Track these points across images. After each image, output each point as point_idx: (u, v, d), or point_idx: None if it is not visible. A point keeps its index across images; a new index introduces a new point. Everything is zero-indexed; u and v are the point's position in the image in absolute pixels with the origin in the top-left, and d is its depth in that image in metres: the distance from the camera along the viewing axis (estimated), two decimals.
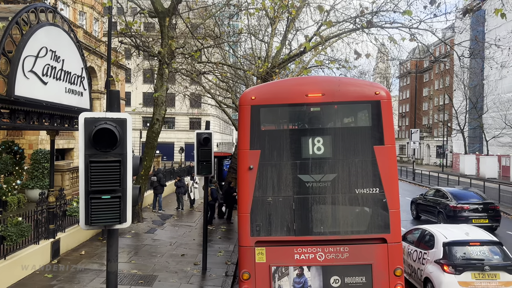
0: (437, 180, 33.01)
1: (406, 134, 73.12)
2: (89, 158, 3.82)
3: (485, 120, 45.34)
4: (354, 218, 6.34)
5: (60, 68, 9.76)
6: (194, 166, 10.26)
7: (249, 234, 6.22)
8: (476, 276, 7.58)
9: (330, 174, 6.24)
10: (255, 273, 6.18)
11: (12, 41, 7.98)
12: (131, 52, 17.48)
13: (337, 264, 6.11)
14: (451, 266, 7.67)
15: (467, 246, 8.09)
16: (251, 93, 6.57)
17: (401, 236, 6.44)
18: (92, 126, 3.84)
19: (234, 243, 12.44)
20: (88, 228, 3.95)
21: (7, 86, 7.81)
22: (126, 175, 3.96)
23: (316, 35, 13.96)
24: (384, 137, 6.24)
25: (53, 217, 10.28)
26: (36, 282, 8.64)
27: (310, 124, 6.61)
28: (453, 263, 7.73)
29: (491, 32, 36.13)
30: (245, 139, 6.33)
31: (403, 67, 72.03)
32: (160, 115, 14.41)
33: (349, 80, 8.40)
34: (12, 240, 8.45)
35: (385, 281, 6.10)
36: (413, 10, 11.01)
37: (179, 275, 9.53)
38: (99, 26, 30.51)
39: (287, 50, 18.15)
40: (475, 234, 8.67)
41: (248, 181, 6.26)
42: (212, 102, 30.67)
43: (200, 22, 16.85)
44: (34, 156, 16.90)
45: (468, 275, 7.58)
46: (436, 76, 63.97)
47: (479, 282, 7.55)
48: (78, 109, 10.68)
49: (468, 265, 7.71)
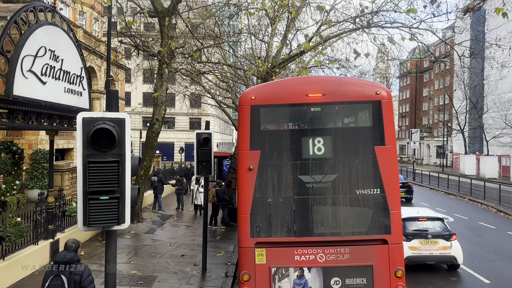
0: (437, 180, 32.98)
1: (406, 134, 73.10)
2: (87, 159, 3.79)
3: (485, 120, 45.31)
4: (355, 219, 6.29)
5: (59, 68, 9.71)
6: (191, 167, 10.25)
7: (249, 235, 6.18)
8: (421, 243, 10.15)
9: (331, 175, 6.19)
10: (255, 275, 6.13)
11: (11, 41, 7.93)
12: (131, 52, 17.43)
13: (337, 265, 6.07)
14: (404, 235, 9.36)
15: (416, 221, 10.58)
16: (251, 93, 6.53)
17: (402, 237, 6.39)
18: (90, 126, 3.81)
19: (234, 243, 12.40)
20: (86, 229, 3.92)
21: (6, 86, 7.77)
22: (124, 175, 3.93)
23: (316, 35, 13.92)
24: (385, 138, 6.19)
25: (52, 217, 10.24)
26: (35, 283, 8.58)
27: (310, 124, 6.57)
28: (405, 233, 9.90)
29: (492, 32, 36.05)
30: (245, 140, 6.29)
31: (403, 67, 72.02)
32: (160, 115, 14.37)
33: (350, 80, 8.35)
34: (11, 240, 8.41)
35: (386, 282, 6.05)
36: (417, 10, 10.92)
37: (178, 275, 9.49)
38: (99, 26, 30.49)
39: (287, 50, 18.09)
40: (424, 212, 11.50)
41: (248, 181, 6.22)
42: (212, 102, 30.62)
43: (200, 22, 16.81)
44: (33, 156, 16.87)
45: (416, 242, 10.14)
46: (436, 76, 63.93)
47: (424, 246, 10.15)
48: (78, 109, 10.63)
49: (416, 234, 10.25)
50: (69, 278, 4.94)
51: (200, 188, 16.27)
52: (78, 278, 5.00)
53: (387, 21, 14.26)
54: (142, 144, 27.01)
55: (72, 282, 4.95)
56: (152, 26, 26.21)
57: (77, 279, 4.99)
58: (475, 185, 26.70)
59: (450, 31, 40.91)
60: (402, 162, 67.80)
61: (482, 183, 26.14)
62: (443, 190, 29.81)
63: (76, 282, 4.98)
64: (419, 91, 66.10)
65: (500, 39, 18.95)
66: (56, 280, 4.91)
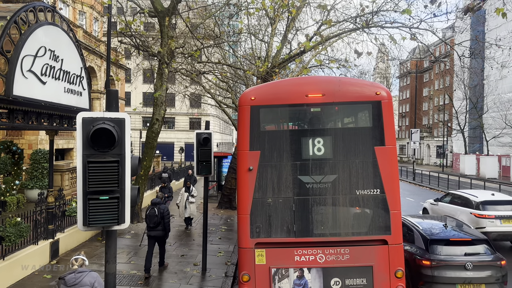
0: (437, 180, 32.98)
1: (406, 134, 73.11)
2: (87, 159, 3.78)
3: (485, 120, 45.30)
4: (355, 219, 6.29)
5: (59, 68, 9.71)
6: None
7: (249, 235, 6.17)
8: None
9: (331, 175, 6.18)
10: (255, 275, 6.13)
11: (11, 41, 7.93)
12: (131, 52, 17.43)
13: (337, 265, 6.06)
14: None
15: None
16: (250, 93, 6.52)
17: (402, 237, 6.39)
18: (90, 126, 3.80)
19: (234, 243, 12.39)
20: (86, 229, 3.92)
21: (6, 86, 7.76)
22: (124, 175, 3.92)
23: (316, 34, 13.91)
24: (385, 138, 6.18)
25: (52, 217, 10.23)
26: (35, 283, 8.59)
27: (310, 124, 6.56)
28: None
29: (492, 32, 36.07)
30: (245, 140, 6.28)
31: (403, 67, 72.02)
32: (160, 115, 14.36)
33: (350, 80, 8.35)
34: (10, 240, 8.41)
35: (386, 283, 6.05)
36: (413, 10, 10.95)
37: (178, 275, 9.49)
38: (99, 26, 30.48)
39: (287, 50, 18.09)
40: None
41: (247, 182, 6.21)
42: (212, 102, 30.62)
43: (200, 22, 16.80)
44: (33, 156, 16.86)
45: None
46: (436, 76, 63.93)
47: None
48: (77, 109, 10.63)
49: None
50: (158, 210, 9.66)
51: (191, 198, 14.23)
52: (162, 211, 9.68)
53: (387, 21, 14.26)
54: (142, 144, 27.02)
55: (159, 212, 9.63)
56: (152, 26, 26.21)
57: (161, 211, 9.67)
58: (475, 185, 26.69)
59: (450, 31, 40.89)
60: (402, 162, 67.79)
61: (482, 183, 26.15)
62: (443, 190, 29.79)
63: (160, 212, 9.64)
64: (419, 91, 66.10)
65: (500, 39, 18.96)
66: (152, 210, 9.68)
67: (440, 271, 7.50)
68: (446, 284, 7.46)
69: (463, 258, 7.67)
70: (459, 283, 7.45)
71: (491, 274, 7.54)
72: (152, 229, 9.64)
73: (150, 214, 9.61)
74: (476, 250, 7.87)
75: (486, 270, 7.57)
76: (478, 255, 7.79)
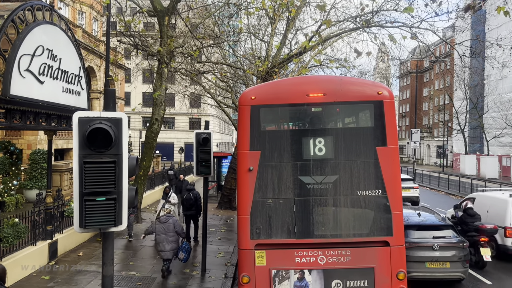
0: (437, 180, 32.90)
1: (407, 134, 73.03)
2: (83, 159, 3.71)
3: (486, 120, 45.24)
4: (356, 220, 6.20)
5: (57, 67, 9.62)
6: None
7: (249, 236, 6.10)
8: None
9: (332, 176, 6.11)
10: (255, 277, 6.05)
11: (8, 40, 7.85)
12: (130, 51, 17.35)
13: (338, 267, 5.99)
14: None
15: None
16: (251, 93, 6.44)
17: (404, 238, 6.31)
18: (86, 125, 3.73)
19: (234, 244, 12.31)
20: (83, 231, 3.84)
21: (3, 85, 7.68)
22: (121, 176, 3.85)
23: (316, 34, 13.83)
24: (386, 138, 6.11)
25: (51, 218, 10.15)
26: (33, 284, 8.52)
27: (311, 124, 6.48)
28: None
29: (492, 32, 35.97)
30: (245, 140, 6.21)
31: (404, 67, 71.96)
32: (159, 115, 14.28)
33: (351, 80, 8.27)
34: (8, 241, 8.34)
35: (388, 284, 5.97)
36: (414, 9, 10.83)
37: (178, 276, 9.41)
38: (98, 26, 30.40)
39: (287, 50, 18.03)
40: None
41: (247, 182, 6.14)
42: (211, 102, 30.52)
43: (199, 22, 16.72)
44: (32, 156, 16.79)
45: None
46: (436, 76, 63.87)
47: None
48: (76, 108, 10.55)
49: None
50: (193, 194, 12.05)
51: (167, 205, 11.74)
52: (195, 195, 12.02)
53: (388, 20, 14.18)
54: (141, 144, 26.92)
55: (193, 196, 11.97)
56: (151, 26, 26.13)
57: (195, 195, 12.04)
58: (476, 185, 26.60)
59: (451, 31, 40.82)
60: (402, 162, 67.68)
61: (482, 183, 26.08)
62: (444, 190, 29.75)
63: (194, 196, 12.07)
64: (419, 91, 66.02)
65: (501, 39, 18.88)
66: (188, 194, 12.10)
67: (412, 251, 8.59)
68: (417, 262, 8.67)
69: (431, 240, 8.97)
70: (427, 261, 8.75)
71: (455, 254, 8.76)
72: (188, 210, 12.16)
73: (186, 198, 12.05)
74: (443, 234, 9.19)
75: (451, 250, 8.80)
76: (444, 238, 9.06)
